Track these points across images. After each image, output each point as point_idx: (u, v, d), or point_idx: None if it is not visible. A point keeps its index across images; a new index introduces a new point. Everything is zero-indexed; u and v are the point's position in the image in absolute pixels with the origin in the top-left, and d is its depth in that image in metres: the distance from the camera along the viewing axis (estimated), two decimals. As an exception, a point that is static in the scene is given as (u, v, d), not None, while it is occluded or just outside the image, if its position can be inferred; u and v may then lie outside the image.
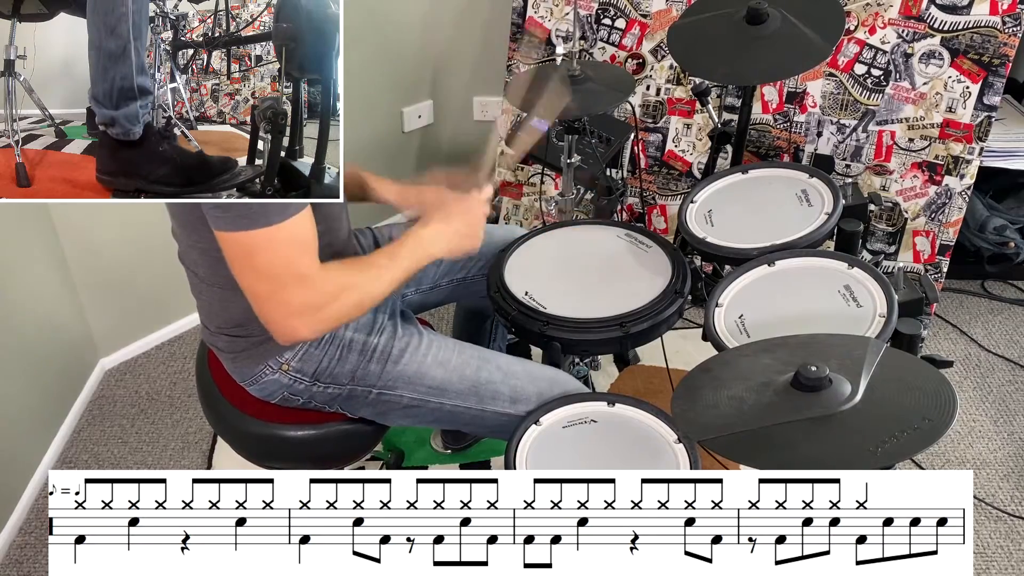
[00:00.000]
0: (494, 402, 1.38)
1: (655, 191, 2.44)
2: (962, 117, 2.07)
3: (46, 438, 2.08)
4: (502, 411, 1.37)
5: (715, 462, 1.66)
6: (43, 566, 1.83)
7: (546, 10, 2.39)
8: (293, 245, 1.12)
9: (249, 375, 1.36)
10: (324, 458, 1.45)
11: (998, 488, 1.95)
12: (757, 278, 1.39)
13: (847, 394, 1.01)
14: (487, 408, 1.38)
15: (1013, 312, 2.47)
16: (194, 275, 1.35)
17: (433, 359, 1.39)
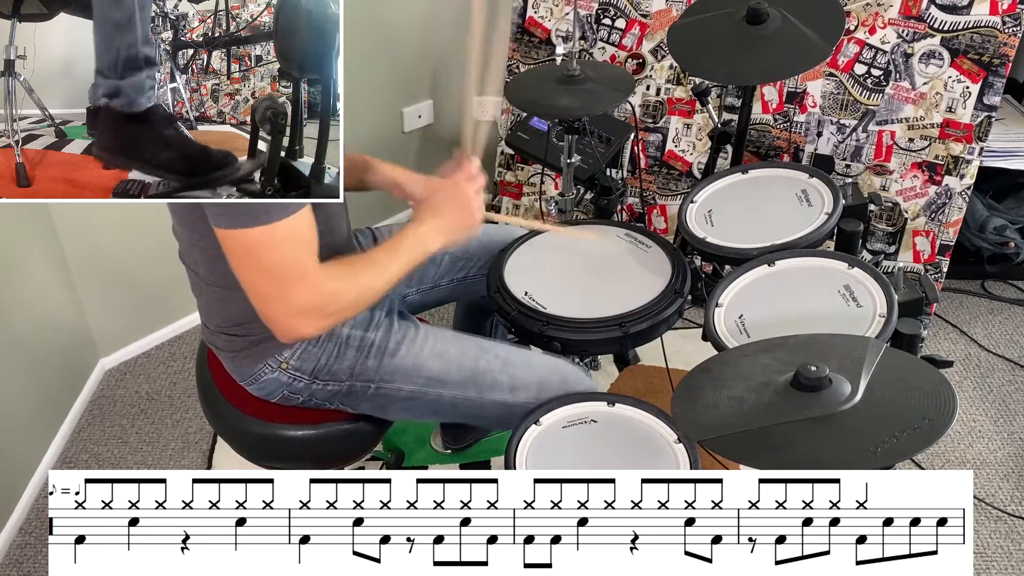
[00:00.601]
0: (493, 391, 1.38)
1: (655, 191, 2.44)
2: (962, 117, 2.07)
3: (46, 438, 2.08)
4: (501, 400, 1.37)
5: (715, 462, 1.66)
6: (43, 566, 1.83)
7: (546, 10, 2.40)
8: (293, 243, 1.12)
9: (248, 374, 1.36)
10: (324, 458, 1.46)
11: (998, 488, 1.95)
12: (757, 278, 1.39)
13: (847, 394, 1.01)
14: (486, 397, 1.38)
15: (1013, 312, 2.47)
16: (194, 274, 1.35)
17: (430, 350, 1.39)
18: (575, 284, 1.52)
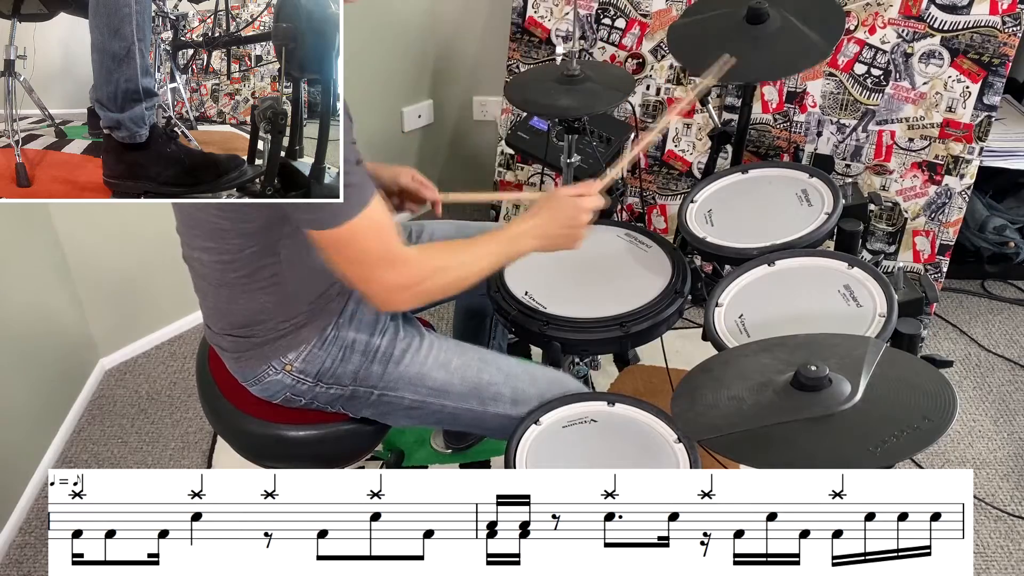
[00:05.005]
0: (495, 404, 1.38)
1: (655, 191, 2.44)
2: (962, 117, 2.07)
3: (46, 438, 2.08)
4: (503, 413, 1.37)
5: (715, 462, 1.66)
6: (43, 566, 1.83)
7: (546, 10, 2.39)
8: (375, 232, 1.17)
9: (252, 375, 1.36)
10: (324, 458, 1.46)
11: (998, 488, 1.95)
12: (757, 278, 1.39)
13: (847, 394, 1.01)
14: (488, 410, 1.38)
15: (1013, 312, 2.47)
16: (198, 275, 1.35)
17: (435, 361, 1.39)
18: (575, 284, 1.52)
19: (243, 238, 1.22)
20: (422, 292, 1.24)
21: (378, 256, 1.18)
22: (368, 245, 1.17)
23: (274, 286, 1.28)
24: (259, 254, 1.24)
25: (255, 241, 1.23)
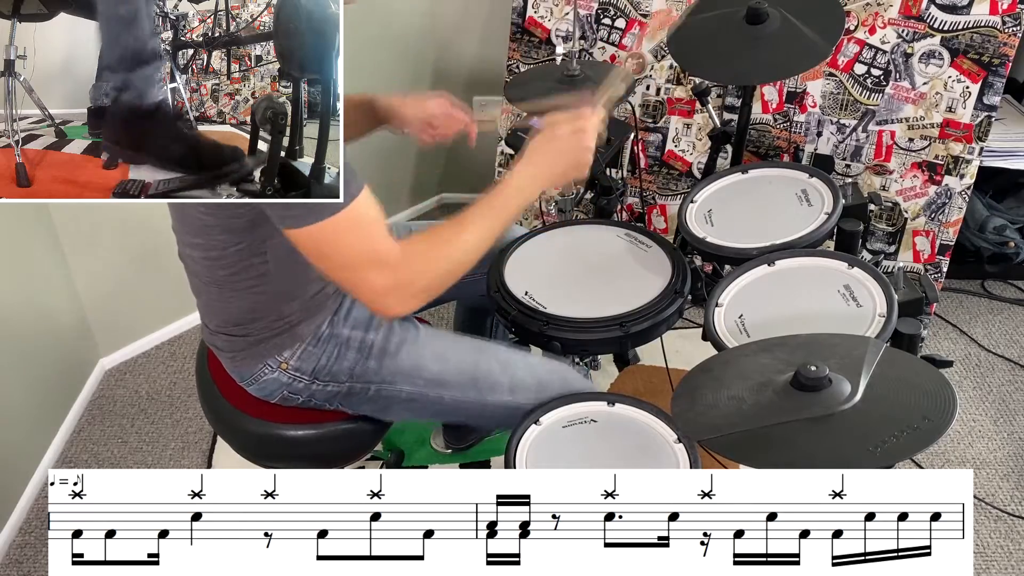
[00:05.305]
0: (493, 392, 1.38)
1: (655, 191, 2.44)
2: (962, 117, 2.07)
3: (46, 438, 2.08)
4: (502, 401, 1.37)
5: (715, 462, 1.66)
6: (43, 566, 1.83)
7: (546, 10, 2.39)
8: (359, 231, 1.11)
9: (248, 374, 1.36)
10: (324, 457, 1.46)
11: (998, 488, 1.95)
12: (757, 278, 1.39)
13: (847, 394, 1.01)
14: (487, 399, 1.38)
15: (1013, 312, 2.47)
16: (193, 274, 1.35)
17: (431, 352, 1.39)
18: (575, 284, 1.52)
19: (228, 235, 1.21)
20: (420, 291, 1.18)
21: (362, 256, 1.12)
22: (349, 244, 1.11)
23: (262, 285, 1.27)
24: (245, 252, 1.23)
25: (241, 238, 1.22)
